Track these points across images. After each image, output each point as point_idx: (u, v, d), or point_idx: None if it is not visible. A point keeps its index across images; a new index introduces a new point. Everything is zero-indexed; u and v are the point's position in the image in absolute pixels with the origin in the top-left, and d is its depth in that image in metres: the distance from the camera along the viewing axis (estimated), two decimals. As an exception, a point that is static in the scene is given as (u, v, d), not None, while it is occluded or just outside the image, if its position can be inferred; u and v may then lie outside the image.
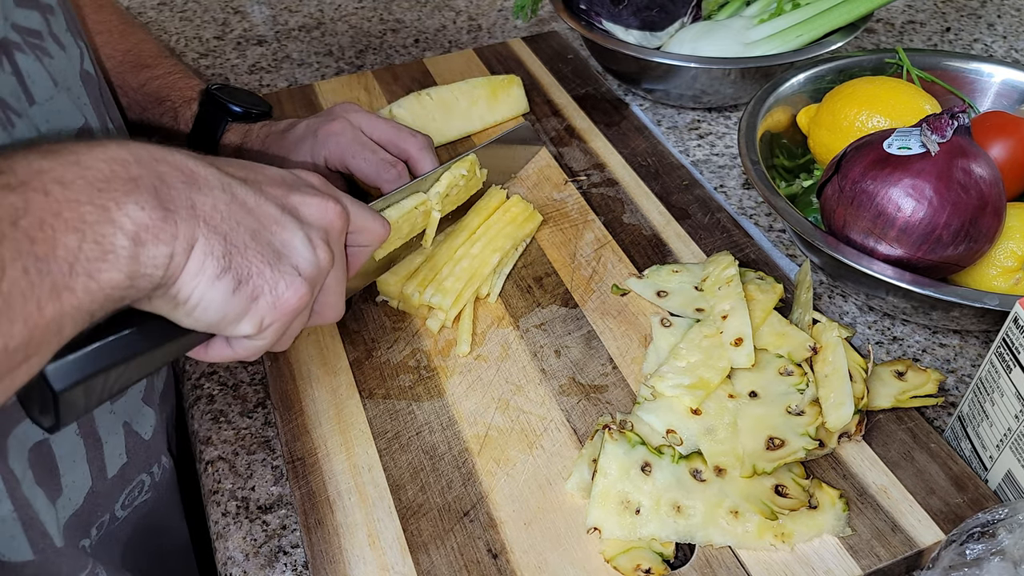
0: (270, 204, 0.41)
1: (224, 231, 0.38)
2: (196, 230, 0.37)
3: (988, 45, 1.01)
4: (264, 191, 0.41)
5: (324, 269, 0.43)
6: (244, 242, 0.39)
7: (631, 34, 0.87)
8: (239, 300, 0.39)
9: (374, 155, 0.64)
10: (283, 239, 0.41)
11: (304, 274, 0.41)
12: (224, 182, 0.39)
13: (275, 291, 0.40)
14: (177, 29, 1.10)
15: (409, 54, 1.03)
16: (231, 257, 0.38)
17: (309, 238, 0.42)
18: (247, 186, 0.40)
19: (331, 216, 0.44)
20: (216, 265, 0.38)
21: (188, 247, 0.37)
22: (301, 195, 0.43)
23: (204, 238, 0.37)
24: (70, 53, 0.50)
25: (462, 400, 0.59)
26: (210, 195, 0.38)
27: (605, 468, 0.51)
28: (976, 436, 0.53)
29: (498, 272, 0.67)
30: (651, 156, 0.80)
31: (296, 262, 0.41)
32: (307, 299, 0.41)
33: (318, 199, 0.43)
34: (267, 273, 0.40)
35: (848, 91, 0.72)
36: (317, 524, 0.52)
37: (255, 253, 0.39)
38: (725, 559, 0.49)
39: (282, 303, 0.40)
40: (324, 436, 0.57)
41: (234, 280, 0.39)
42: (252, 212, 0.40)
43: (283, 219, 0.41)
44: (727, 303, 0.60)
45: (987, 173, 0.58)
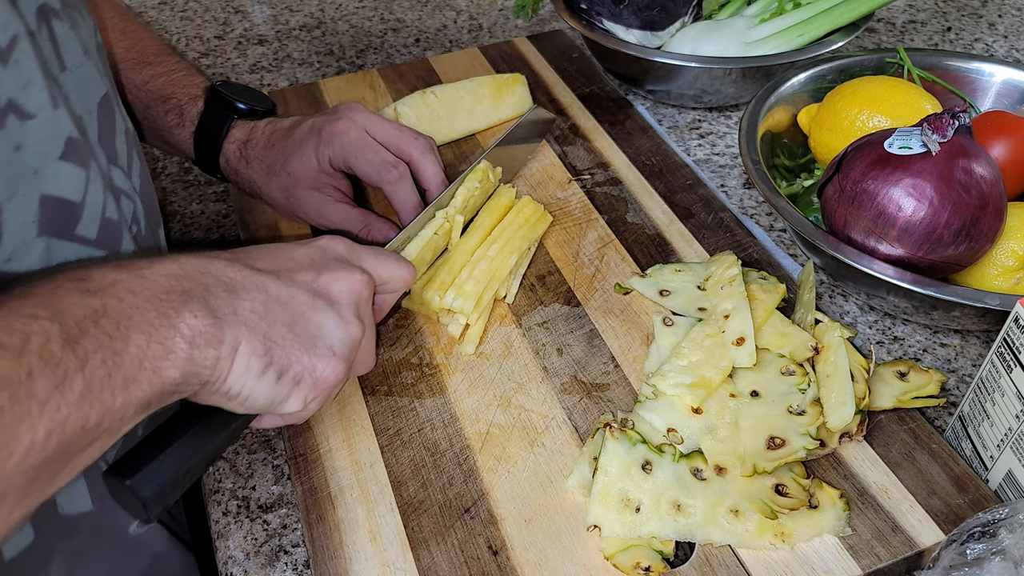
0: (302, 292, 0.45)
1: (263, 330, 0.42)
2: (239, 333, 0.41)
3: (989, 45, 1.01)
4: (294, 280, 0.45)
5: (357, 341, 0.46)
6: (282, 335, 0.43)
7: (632, 34, 0.87)
8: (283, 387, 0.43)
9: (376, 156, 0.65)
10: (317, 323, 0.45)
11: (339, 353, 0.45)
12: (259, 282, 0.43)
13: (314, 374, 0.44)
14: (178, 28, 1.10)
15: (410, 53, 1.04)
16: (272, 353, 0.42)
17: (341, 316, 0.46)
18: (279, 280, 0.44)
19: (358, 288, 0.47)
20: (259, 362, 0.42)
21: (233, 350, 0.41)
22: (330, 274, 0.46)
23: (246, 340, 0.41)
24: (87, 23, 0.52)
25: (464, 397, 0.59)
26: (248, 299, 0.42)
27: (606, 466, 0.51)
28: (977, 436, 0.53)
29: (515, 273, 0.67)
30: (655, 155, 0.80)
31: (331, 343, 0.45)
32: (344, 373, 0.46)
33: (345, 274, 0.47)
34: (305, 359, 0.44)
35: (849, 91, 0.72)
36: (319, 520, 0.52)
37: (292, 343, 0.43)
38: (725, 558, 0.49)
39: (322, 382, 0.45)
40: (326, 432, 0.57)
41: (276, 372, 0.43)
42: (287, 305, 0.44)
43: (315, 303, 0.45)
44: (729, 303, 0.60)
45: (988, 173, 0.58)
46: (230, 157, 0.68)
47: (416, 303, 0.64)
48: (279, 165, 0.66)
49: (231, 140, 0.68)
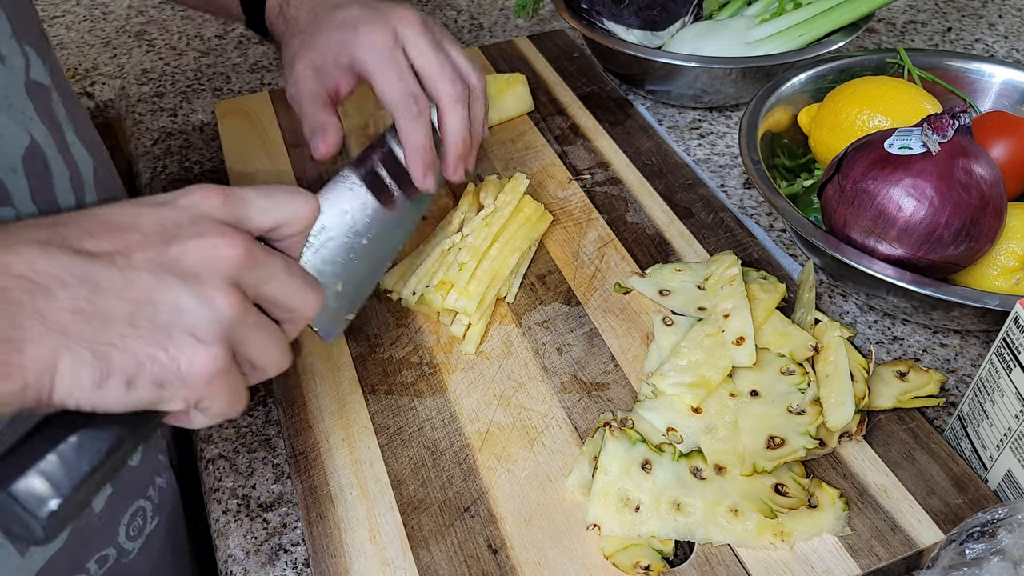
0: (143, 273, 0.35)
1: (91, 335, 0.34)
2: (53, 346, 0.33)
3: (989, 45, 1.01)
4: (134, 259, 0.35)
5: (232, 316, 0.36)
6: (120, 334, 0.34)
7: (632, 34, 0.87)
8: (142, 392, 0.35)
9: (401, 82, 0.57)
10: (169, 306, 0.35)
11: (205, 336, 0.36)
12: (81, 272, 0.34)
13: (179, 370, 0.35)
14: (179, 28, 1.10)
15: (411, 52, 1.04)
16: (108, 358, 0.34)
17: (202, 292, 0.36)
18: (112, 264, 0.35)
19: (223, 253, 0.37)
20: (91, 373, 0.34)
21: (47, 368, 0.33)
22: (182, 243, 0.36)
23: (67, 352, 0.33)
24: (10, 64, 0.45)
25: (464, 397, 0.59)
26: (64, 297, 0.33)
27: (605, 465, 0.51)
28: (976, 436, 0.53)
29: (515, 272, 0.67)
30: (655, 155, 0.80)
31: (192, 327, 0.35)
32: (221, 358, 0.36)
33: (201, 240, 0.37)
34: (160, 356, 0.35)
35: (849, 91, 0.72)
36: (318, 518, 0.52)
37: (136, 340, 0.34)
38: (724, 557, 0.49)
39: (192, 377, 0.35)
40: (326, 431, 0.57)
41: (122, 379, 0.34)
42: (122, 294, 0.34)
43: (162, 284, 0.35)
44: (729, 302, 0.60)
45: (988, 173, 0.58)
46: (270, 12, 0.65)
47: (417, 302, 0.64)
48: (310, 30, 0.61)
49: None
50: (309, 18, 0.62)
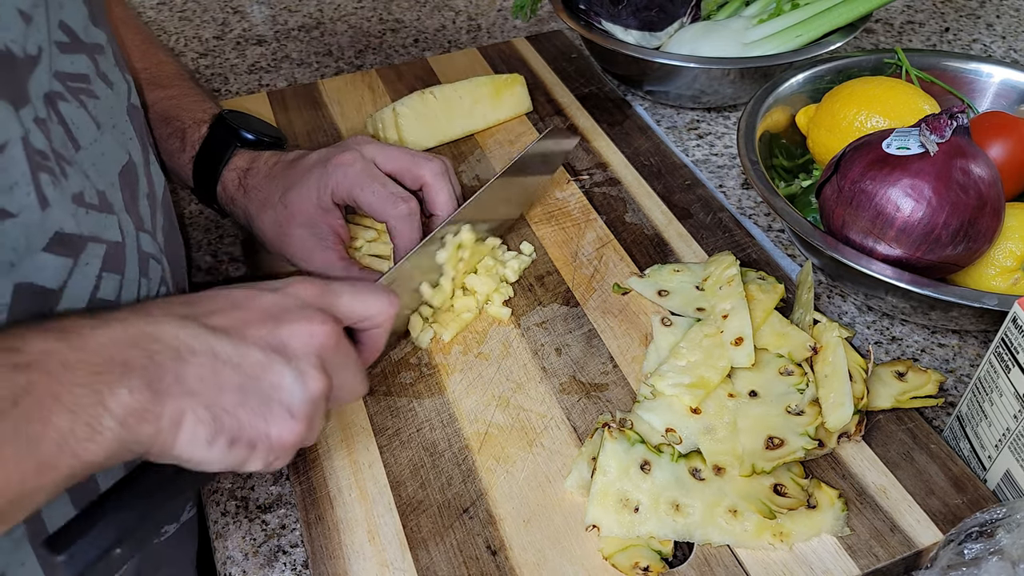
0: (255, 350, 0.42)
1: (211, 399, 0.40)
2: (183, 404, 0.39)
3: (987, 45, 1.01)
4: (247, 337, 0.42)
5: (319, 395, 0.43)
6: (232, 402, 0.41)
7: (630, 34, 0.87)
8: (237, 452, 0.41)
9: (383, 188, 0.61)
10: (272, 383, 0.42)
11: (296, 413, 0.42)
12: (208, 345, 0.40)
13: (269, 437, 0.42)
14: (176, 29, 1.10)
15: (408, 54, 1.04)
16: (220, 420, 0.40)
17: (300, 372, 0.42)
18: (230, 339, 0.41)
19: (320, 339, 0.44)
20: (206, 431, 0.40)
21: (176, 421, 0.39)
22: (289, 326, 0.43)
23: (191, 411, 0.39)
24: (118, 89, 0.51)
25: (463, 397, 0.59)
26: (195, 364, 0.40)
27: (604, 466, 0.51)
28: (975, 436, 0.53)
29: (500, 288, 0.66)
30: (653, 155, 0.80)
31: (287, 402, 0.42)
32: (305, 431, 0.43)
33: (305, 325, 0.43)
34: (259, 424, 0.41)
35: (847, 91, 0.72)
36: (317, 520, 0.52)
37: (243, 409, 0.41)
38: (723, 558, 0.49)
39: (278, 444, 0.42)
40: (325, 432, 0.57)
41: (227, 440, 0.41)
42: (238, 368, 0.41)
43: (270, 362, 0.42)
44: (728, 303, 0.60)
45: (986, 173, 0.58)
46: (228, 185, 0.66)
47: None
48: (277, 197, 0.63)
49: (231, 168, 0.66)
50: (267, 184, 0.64)
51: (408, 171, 0.63)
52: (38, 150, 0.43)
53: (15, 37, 0.42)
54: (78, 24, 0.48)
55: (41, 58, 0.44)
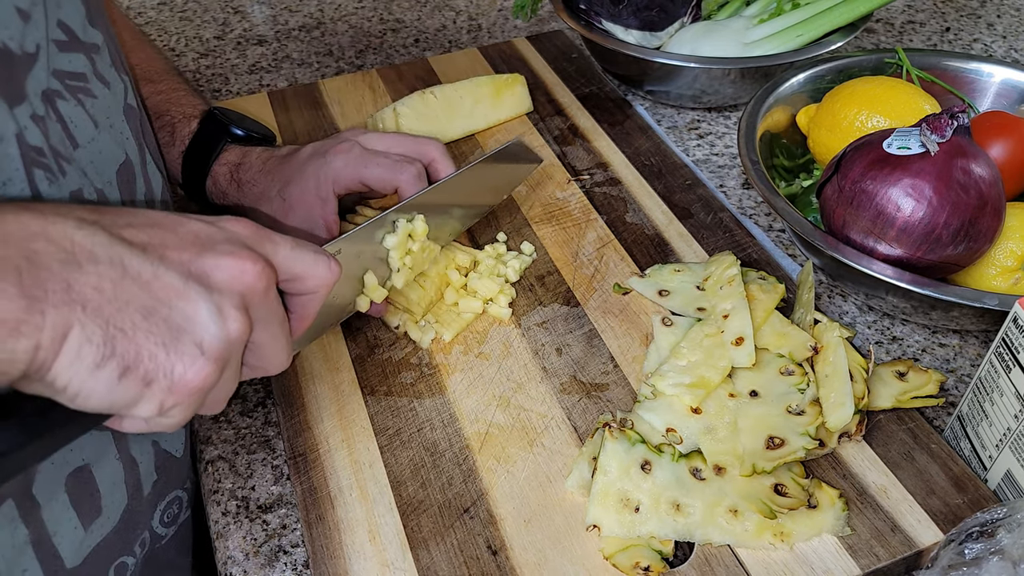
0: (172, 273, 0.37)
1: (107, 314, 0.35)
2: (70, 316, 0.34)
3: (988, 45, 1.01)
4: (167, 257, 0.37)
5: (237, 339, 0.38)
6: (133, 323, 0.35)
7: (631, 34, 0.87)
8: (128, 386, 0.36)
9: (387, 159, 0.62)
10: (185, 313, 0.37)
11: (208, 351, 0.37)
12: (115, 253, 0.35)
13: (171, 374, 0.36)
14: (177, 29, 1.10)
15: (409, 54, 1.04)
16: (114, 342, 0.35)
17: (219, 308, 0.37)
18: (145, 255, 0.36)
19: (248, 278, 0.39)
20: (95, 352, 0.34)
21: (60, 335, 0.34)
22: (215, 257, 0.38)
23: (80, 324, 0.34)
24: (115, 89, 0.51)
25: (463, 397, 0.59)
26: (93, 272, 0.34)
27: (605, 466, 0.51)
28: (975, 436, 0.53)
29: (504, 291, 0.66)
30: (654, 155, 0.80)
31: (200, 338, 0.37)
32: (212, 377, 0.37)
33: (233, 260, 0.39)
34: (160, 356, 0.36)
35: (848, 91, 0.72)
36: (318, 520, 0.52)
37: (146, 334, 0.35)
38: (724, 558, 0.49)
39: (180, 386, 0.37)
40: (326, 432, 0.57)
41: (119, 367, 0.35)
42: (147, 286, 0.36)
43: (186, 289, 0.37)
44: (728, 303, 0.60)
45: (987, 173, 0.58)
46: (219, 180, 0.66)
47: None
48: (275, 191, 0.63)
49: (222, 162, 0.66)
50: (263, 179, 0.64)
51: (415, 150, 0.64)
52: (33, 146, 0.42)
53: (13, 35, 0.41)
54: (76, 23, 0.48)
55: (39, 56, 0.43)
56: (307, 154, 0.64)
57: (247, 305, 0.39)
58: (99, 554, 0.53)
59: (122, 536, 0.55)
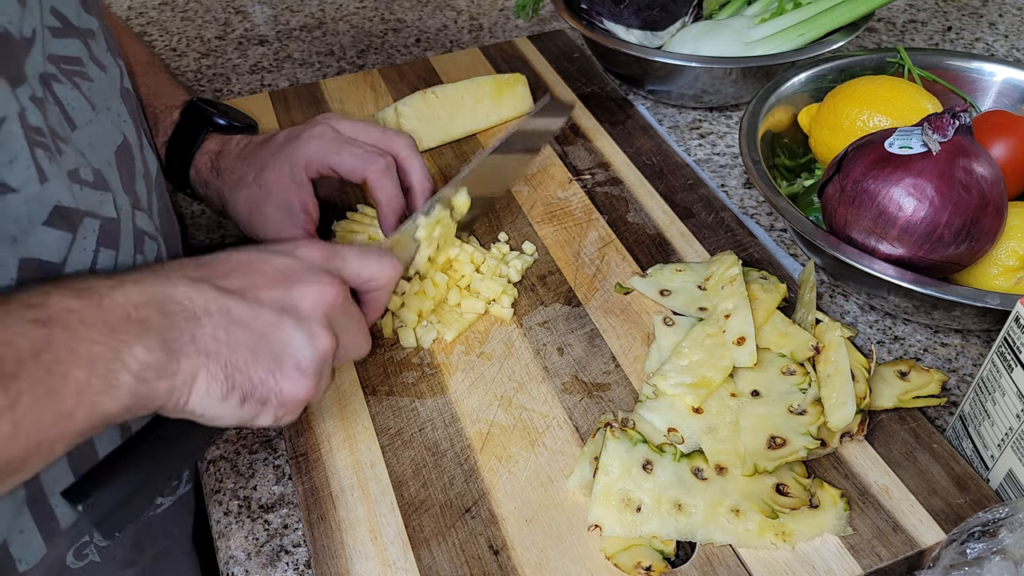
0: (266, 310, 0.44)
1: (224, 357, 0.42)
2: (198, 361, 0.41)
3: (990, 44, 1.01)
4: (260, 298, 0.44)
5: (327, 353, 0.45)
6: (244, 360, 0.43)
7: (632, 34, 0.87)
8: (249, 408, 0.44)
9: (358, 148, 0.62)
10: (283, 342, 0.44)
11: (306, 370, 0.44)
12: (222, 306, 0.43)
13: (280, 394, 0.44)
14: (179, 29, 1.10)
15: (410, 54, 1.04)
16: (233, 378, 0.42)
17: (309, 332, 0.45)
18: (244, 300, 0.44)
19: (328, 299, 0.46)
20: (220, 388, 0.42)
21: (191, 378, 0.41)
22: (300, 288, 0.45)
23: (206, 368, 0.42)
24: (111, 73, 0.53)
25: (465, 397, 0.59)
26: (209, 324, 0.42)
27: (606, 466, 0.51)
28: (977, 435, 0.53)
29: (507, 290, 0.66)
30: (656, 155, 0.80)
31: (297, 360, 0.44)
32: (313, 388, 0.45)
33: (314, 287, 0.46)
34: (270, 381, 0.44)
35: (849, 90, 0.72)
36: (320, 519, 0.52)
37: (255, 367, 0.43)
38: (726, 557, 0.49)
39: (289, 400, 0.45)
40: (328, 432, 0.57)
41: (239, 396, 0.43)
42: (249, 327, 0.43)
43: (281, 322, 0.44)
44: (730, 302, 0.60)
45: (988, 172, 0.58)
46: (201, 168, 0.67)
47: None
48: (251, 177, 0.64)
49: (204, 151, 0.67)
50: (240, 165, 0.65)
51: (381, 143, 0.64)
52: (34, 127, 0.44)
53: (11, 19, 0.43)
54: (70, 10, 0.49)
55: (36, 40, 0.45)
56: (282, 139, 0.64)
57: (331, 321, 0.46)
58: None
59: None
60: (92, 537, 0.57)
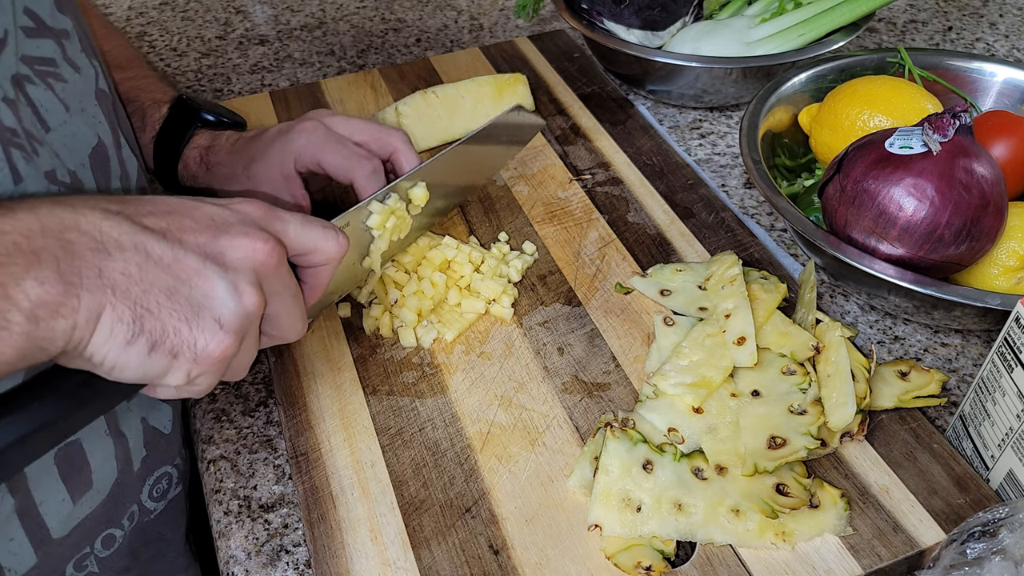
0: (190, 255, 0.40)
1: (134, 295, 0.38)
2: (103, 298, 0.37)
3: (990, 44, 1.01)
4: (184, 241, 0.40)
5: (252, 313, 0.42)
6: (157, 302, 0.39)
7: (632, 33, 0.87)
8: (157, 359, 0.39)
9: (348, 149, 0.61)
10: (204, 291, 0.40)
11: (226, 325, 0.41)
12: (138, 241, 0.39)
13: (195, 347, 0.40)
14: (179, 29, 1.11)
15: (411, 53, 1.04)
16: (142, 320, 0.38)
17: (235, 285, 0.41)
18: (165, 240, 0.40)
19: (261, 256, 0.42)
20: (126, 331, 0.38)
21: (94, 316, 0.37)
22: (229, 237, 0.42)
23: (111, 306, 0.37)
24: (85, 74, 0.52)
25: (465, 397, 0.59)
26: (120, 259, 0.38)
27: (607, 466, 0.51)
28: (978, 435, 0.53)
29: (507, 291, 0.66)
30: (656, 155, 0.80)
31: (218, 313, 0.40)
32: (232, 348, 0.41)
33: (246, 240, 0.42)
34: (184, 331, 0.39)
35: (850, 90, 0.72)
36: (320, 519, 0.52)
37: (170, 312, 0.39)
38: (726, 557, 0.49)
39: (204, 357, 0.40)
40: (328, 432, 0.57)
41: (148, 342, 0.39)
42: (168, 268, 0.39)
43: (204, 269, 0.40)
44: (730, 302, 0.60)
45: (989, 172, 0.58)
46: (190, 163, 0.67)
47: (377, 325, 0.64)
48: (241, 170, 0.64)
49: (193, 146, 0.66)
50: (231, 159, 0.65)
51: (377, 140, 0.63)
52: (8, 127, 0.43)
53: None
54: (43, 10, 0.48)
55: (8, 41, 0.44)
56: (272, 133, 0.64)
57: (261, 281, 0.42)
58: (87, 525, 0.55)
59: (111, 509, 0.56)
60: (93, 547, 0.57)
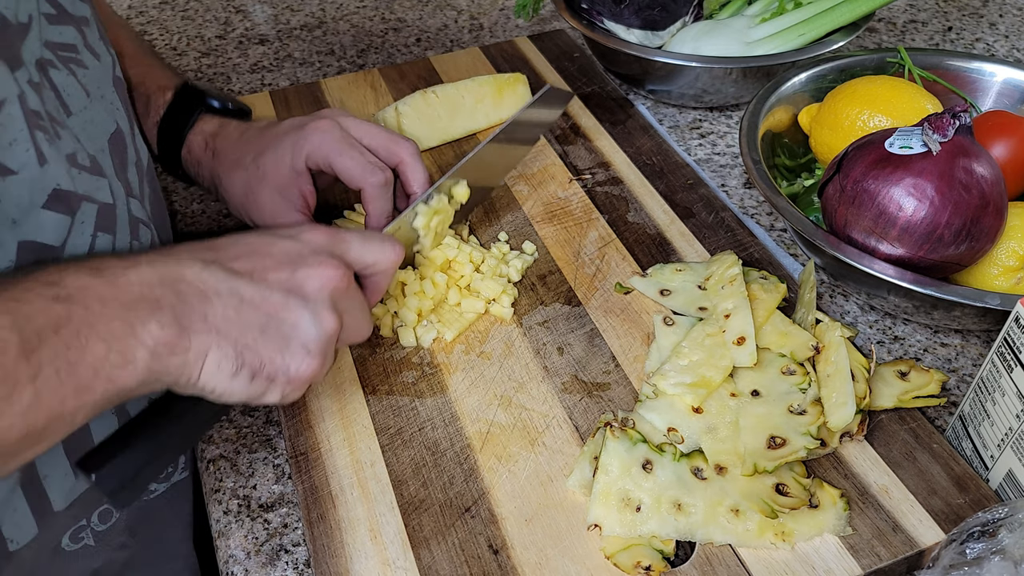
0: (275, 292, 0.46)
1: (234, 335, 0.44)
2: (208, 339, 0.43)
3: (990, 44, 1.01)
4: (269, 280, 0.46)
5: (332, 335, 0.47)
6: (254, 338, 0.45)
7: (632, 33, 0.87)
8: (258, 385, 0.45)
9: (361, 156, 0.62)
10: (291, 323, 0.46)
11: (313, 349, 0.46)
12: (232, 286, 0.44)
13: (288, 372, 0.46)
14: (179, 28, 1.10)
15: (411, 53, 1.04)
16: (243, 356, 0.44)
17: (315, 313, 0.46)
18: (252, 282, 0.45)
19: (334, 282, 0.48)
20: (230, 365, 0.44)
21: (202, 355, 0.43)
22: (305, 270, 0.47)
23: (217, 346, 0.43)
24: (104, 62, 0.54)
25: (464, 397, 0.59)
26: (219, 304, 0.44)
27: (606, 465, 0.51)
28: (977, 435, 0.53)
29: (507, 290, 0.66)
30: (656, 155, 0.80)
31: (304, 340, 0.46)
32: (319, 367, 0.47)
33: (320, 269, 0.47)
34: (278, 359, 0.45)
35: (850, 90, 0.72)
36: (319, 519, 0.52)
37: (264, 345, 0.45)
38: (726, 557, 0.49)
39: (296, 378, 0.46)
40: (327, 431, 0.57)
41: (249, 373, 0.45)
42: (259, 307, 0.45)
43: (288, 303, 0.46)
44: (730, 302, 0.60)
45: (989, 172, 0.58)
46: (194, 148, 0.66)
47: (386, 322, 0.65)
48: (249, 159, 0.63)
49: (197, 132, 0.66)
50: (239, 147, 0.65)
51: (386, 148, 0.64)
52: (33, 110, 0.45)
53: (7, 4, 0.44)
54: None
55: (32, 26, 0.46)
56: (287, 126, 0.64)
57: (335, 302, 0.48)
58: (86, 498, 0.57)
59: None
60: (90, 521, 0.58)
